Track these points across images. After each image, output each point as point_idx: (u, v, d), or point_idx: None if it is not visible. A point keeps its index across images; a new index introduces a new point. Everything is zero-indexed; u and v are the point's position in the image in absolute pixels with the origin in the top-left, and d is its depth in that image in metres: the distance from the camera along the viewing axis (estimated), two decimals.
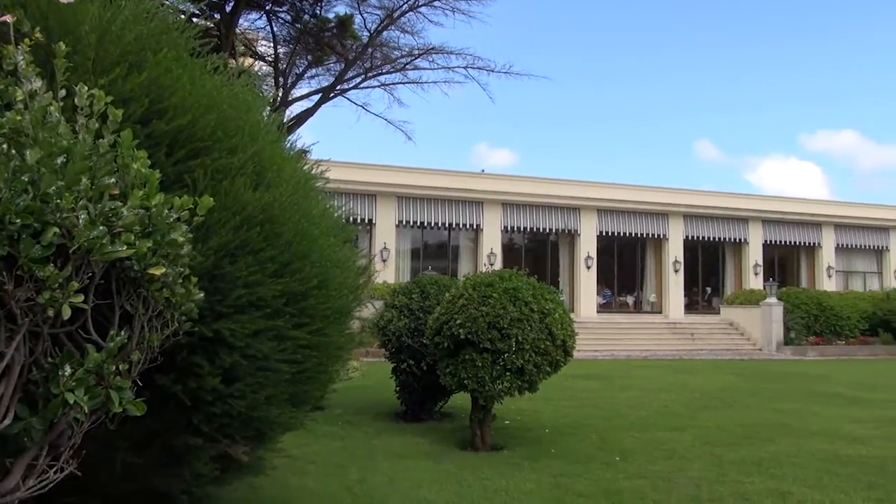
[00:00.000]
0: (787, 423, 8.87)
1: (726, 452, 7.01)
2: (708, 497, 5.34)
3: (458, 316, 6.65)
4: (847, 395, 12.08)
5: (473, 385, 6.61)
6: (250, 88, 3.99)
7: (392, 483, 5.58)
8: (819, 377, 15.35)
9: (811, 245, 31.06)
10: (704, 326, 26.37)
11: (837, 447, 7.39)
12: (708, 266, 30.46)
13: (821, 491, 5.59)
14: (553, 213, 27.18)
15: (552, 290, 7.12)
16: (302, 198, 3.71)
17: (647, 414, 9.49)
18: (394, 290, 9.17)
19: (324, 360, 3.89)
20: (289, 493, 5.21)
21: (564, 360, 6.90)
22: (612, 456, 6.74)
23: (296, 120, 17.20)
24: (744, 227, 29.81)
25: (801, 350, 23.38)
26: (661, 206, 28.39)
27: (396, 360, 8.49)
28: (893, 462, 6.70)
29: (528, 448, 7.06)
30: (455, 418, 8.73)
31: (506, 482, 5.64)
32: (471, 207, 26.11)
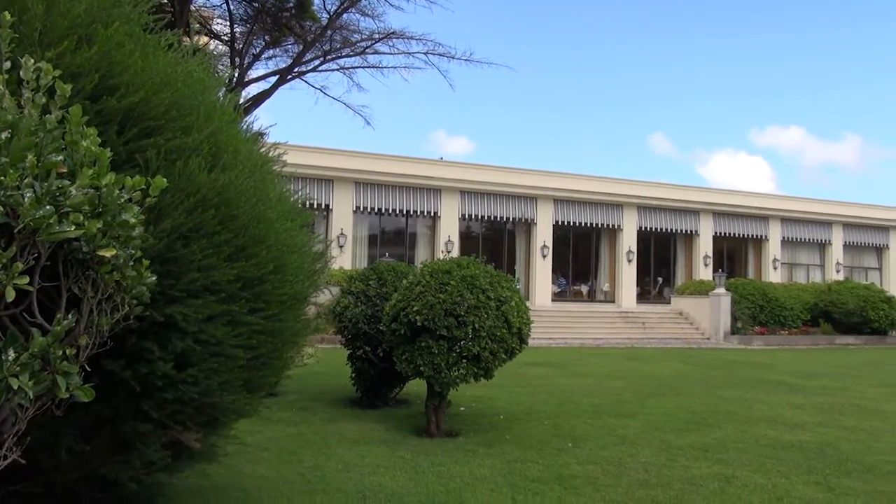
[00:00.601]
0: (732, 410, 9.15)
1: (675, 438, 7.20)
2: (657, 481, 5.48)
3: (415, 303, 6.65)
4: (789, 382, 12.52)
5: (429, 372, 6.62)
6: (205, 67, 3.89)
7: (347, 470, 5.56)
8: (763, 366, 15.86)
9: (758, 238, 31.98)
10: (656, 316, 26.95)
11: (779, 433, 7.66)
12: (660, 257, 31.09)
13: (763, 475, 5.79)
14: (510, 202, 27.34)
15: (509, 279, 7.17)
16: (258, 181, 3.64)
17: (599, 401, 9.67)
18: (350, 277, 9.11)
19: (279, 346, 3.84)
20: (242, 480, 5.15)
21: (520, 348, 6.97)
22: (564, 442, 6.86)
23: (252, 101, 16.88)
24: (695, 219, 30.51)
25: (746, 339, 24.11)
26: (616, 197, 28.82)
27: (352, 346, 8.45)
28: (830, 447, 6.98)
29: (483, 434, 7.13)
30: (410, 405, 8.75)
31: (460, 468, 5.69)
32: (429, 195, 26.07)
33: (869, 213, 34.02)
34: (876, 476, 5.88)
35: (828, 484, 5.57)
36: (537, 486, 5.23)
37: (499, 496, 4.96)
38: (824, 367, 15.90)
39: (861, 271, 34.11)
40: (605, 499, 4.97)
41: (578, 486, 5.29)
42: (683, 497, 5.08)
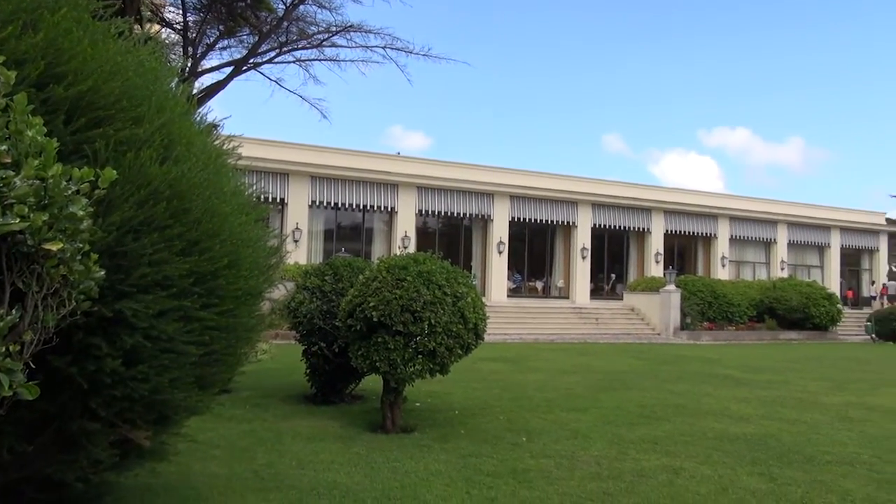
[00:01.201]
0: (681, 404, 9.38)
1: (625, 431, 7.35)
2: (608, 474, 5.59)
3: (371, 299, 6.62)
4: (735, 377, 12.90)
5: (385, 367, 6.61)
6: (157, 56, 3.80)
7: (301, 466, 5.52)
8: (711, 360, 16.31)
9: (708, 236, 32.81)
10: (608, 312, 27.43)
11: (726, 425, 7.90)
12: (613, 254, 31.64)
13: (710, 466, 5.96)
14: (467, 198, 27.43)
15: (465, 274, 7.20)
16: (212, 174, 3.58)
17: (553, 395, 9.80)
18: (306, 272, 9.02)
19: (233, 342, 3.79)
20: (193, 478, 5.07)
21: (476, 343, 7.01)
22: (519, 436, 6.93)
23: (206, 92, 16.51)
24: (647, 217, 31.13)
25: (695, 335, 24.75)
26: (571, 194, 29.19)
27: (307, 342, 8.37)
28: (773, 439, 7.23)
29: (438, 429, 7.15)
30: (366, 401, 8.72)
31: (415, 463, 5.70)
32: (386, 190, 25.97)
33: (812, 212, 35.26)
34: (815, 466, 6.12)
35: (771, 474, 5.76)
36: (492, 481, 5.27)
37: (454, 490, 4.99)
38: (769, 362, 16.43)
39: (804, 269, 35.33)
40: (559, 492, 5.04)
41: (532, 479, 5.36)
42: (634, 488, 5.19)
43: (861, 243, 36.92)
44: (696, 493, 5.13)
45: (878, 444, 7.17)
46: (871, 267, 37.81)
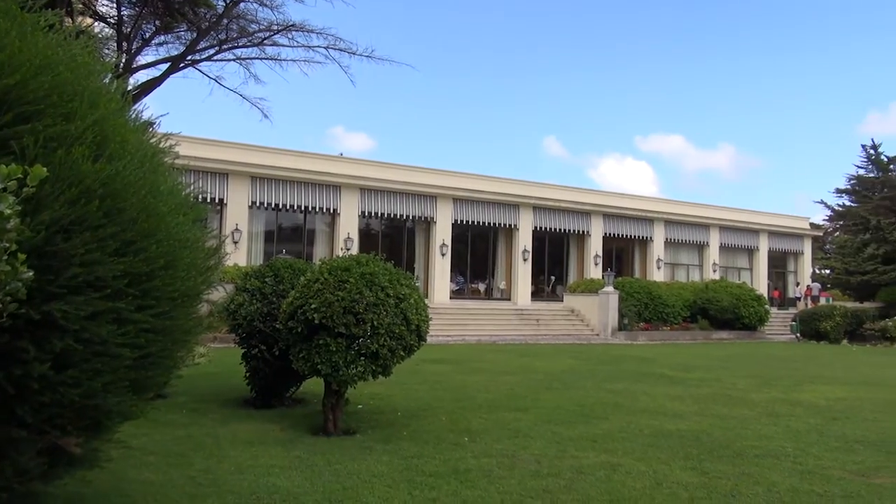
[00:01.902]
0: (618, 402, 9.62)
1: (565, 430, 7.49)
2: (548, 471, 5.70)
3: (313, 300, 6.56)
4: (670, 375, 13.30)
5: (327, 370, 6.56)
6: (90, 51, 3.68)
7: (240, 471, 5.42)
8: (647, 360, 16.78)
9: (644, 239, 33.74)
10: (549, 313, 27.86)
11: (661, 422, 8.14)
12: (554, 256, 32.18)
13: (646, 462, 6.14)
14: (410, 200, 27.43)
15: (408, 276, 7.21)
16: (148, 172, 3.49)
17: (494, 396, 9.90)
18: (246, 274, 8.85)
19: (169, 345, 3.70)
20: (126, 486, 4.91)
21: (418, 345, 7.03)
22: (461, 436, 6.98)
23: (141, 89, 16.01)
24: (587, 220, 31.77)
25: (632, 335, 25.40)
26: (513, 197, 29.56)
27: (247, 345, 8.22)
28: (705, 434, 7.50)
29: (381, 431, 7.14)
30: (307, 404, 8.62)
31: (357, 465, 5.67)
32: (328, 191, 25.72)
33: (742, 217, 36.69)
34: (744, 459, 6.37)
35: (702, 469, 5.98)
36: (433, 481, 5.30)
37: (396, 492, 4.99)
38: (701, 361, 17.01)
39: (734, 271, 36.73)
40: (500, 490, 5.11)
41: (473, 478, 5.40)
42: (572, 485, 5.30)
43: (787, 247, 38.63)
44: (632, 489, 5.27)
45: (801, 437, 7.53)
46: (796, 269, 39.61)
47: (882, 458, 6.61)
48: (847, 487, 5.50)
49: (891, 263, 37.12)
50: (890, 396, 11.11)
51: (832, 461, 6.42)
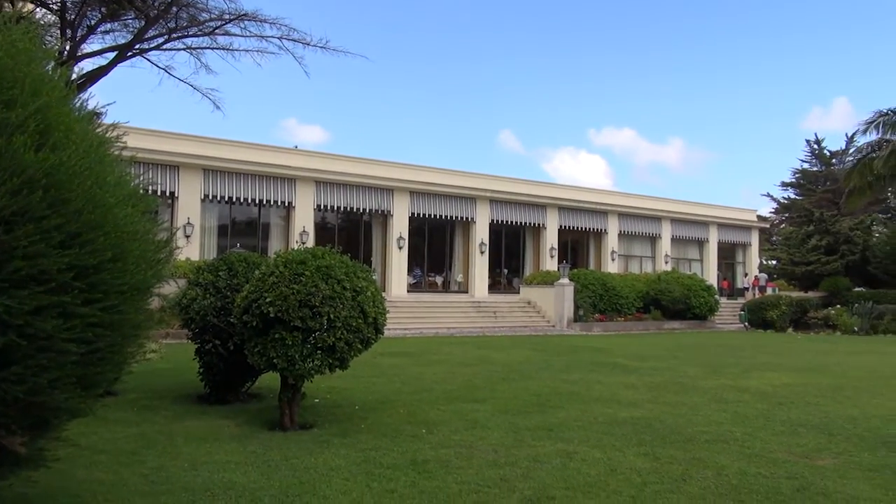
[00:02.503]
0: (574, 392, 9.77)
1: (522, 420, 7.58)
2: (505, 461, 5.76)
3: (268, 294, 6.48)
4: (624, 364, 13.57)
5: (283, 364, 6.49)
6: (31, 37, 3.55)
7: (194, 468, 5.33)
8: (602, 350, 17.07)
9: (599, 231, 34.25)
10: (506, 305, 28.08)
11: (615, 410, 8.30)
12: (510, 249, 32.42)
13: (601, 449, 6.26)
14: (367, 194, 27.26)
15: (365, 269, 7.17)
16: (95, 163, 3.39)
17: (452, 387, 9.95)
18: (198, 268, 8.68)
19: (118, 340, 3.61)
20: (75, 485, 4.78)
21: (376, 338, 7.00)
22: (419, 428, 7.00)
23: (87, 78, 15.52)
24: (542, 213, 32.09)
25: (588, 326, 25.79)
26: (470, 190, 29.64)
27: (201, 340, 8.06)
28: (658, 421, 7.68)
29: (338, 425, 7.10)
30: (263, 398, 8.52)
31: (314, 459, 5.64)
32: (282, 184, 25.35)
33: (692, 209, 37.55)
34: (695, 445, 6.55)
35: (655, 454, 6.12)
36: (391, 473, 5.31)
37: (354, 484, 4.98)
38: (654, 350, 17.39)
39: (685, 262, 37.59)
40: (457, 480, 5.14)
41: (431, 469, 5.43)
42: (529, 474, 5.37)
43: (735, 238, 39.72)
44: (588, 475, 5.37)
45: (748, 422, 7.77)
46: (744, 260, 40.76)
47: (824, 441, 6.88)
48: (792, 469, 5.71)
49: (833, 254, 38.52)
50: (832, 382, 11.55)
51: (778, 444, 6.65)
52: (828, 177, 43.61)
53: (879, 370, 13.56)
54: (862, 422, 7.94)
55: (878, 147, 27.17)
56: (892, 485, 5.32)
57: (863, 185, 28.10)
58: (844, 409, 8.84)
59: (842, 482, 5.35)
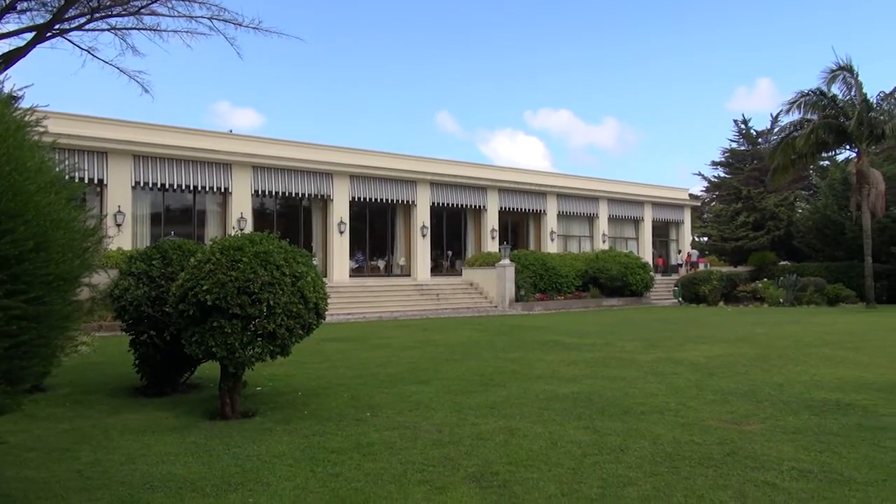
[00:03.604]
0: (516, 370, 9.94)
1: (465, 399, 7.67)
2: (449, 440, 5.83)
3: (204, 281, 6.34)
4: (564, 342, 13.86)
5: (222, 352, 6.38)
6: None
7: (132, 461, 5.20)
8: (543, 328, 17.39)
9: (538, 212, 34.72)
10: (449, 287, 28.25)
11: (556, 387, 8.49)
12: (452, 231, 32.56)
13: (542, 424, 6.40)
14: (306, 178, 26.86)
15: (305, 254, 7.09)
16: (13, 148, 3.23)
17: (396, 370, 9.98)
18: (131, 257, 8.40)
19: (45, 332, 3.48)
20: (4, 484, 4.60)
21: (317, 323, 6.95)
22: (362, 412, 7.00)
23: (2, 60, 14.69)
24: (483, 195, 32.30)
25: (529, 306, 26.21)
26: (410, 173, 29.56)
27: (135, 331, 7.84)
28: (597, 395, 7.90)
29: (281, 412, 7.04)
30: (203, 388, 8.36)
31: (257, 447, 5.58)
32: (218, 169, 24.71)
33: (628, 189, 38.48)
34: (632, 416, 6.77)
35: (594, 427, 6.30)
36: (336, 457, 5.30)
37: (298, 470, 4.95)
38: (593, 327, 17.82)
39: (622, 241, 38.55)
40: (402, 461, 5.18)
41: (376, 452, 5.45)
42: (473, 451, 5.45)
43: (669, 216, 40.93)
44: (529, 450, 5.49)
45: (682, 393, 8.08)
46: (677, 237, 42.07)
47: (752, 407, 7.22)
48: (722, 435, 5.97)
49: (760, 230, 40.18)
50: (759, 352, 12.10)
51: (709, 413, 6.94)
52: (755, 155, 45.30)
53: (802, 339, 14.28)
54: (786, 388, 8.36)
55: (800, 126, 28.35)
56: (814, 445, 5.63)
57: (786, 163, 29.31)
58: (770, 376, 9.28)
59: (768, 445, 5.63)
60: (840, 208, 31.24)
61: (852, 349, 12.36)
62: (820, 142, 27.77)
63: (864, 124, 26.26)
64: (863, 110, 26.22)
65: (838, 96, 27.36)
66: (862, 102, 26.42)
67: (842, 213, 31.04)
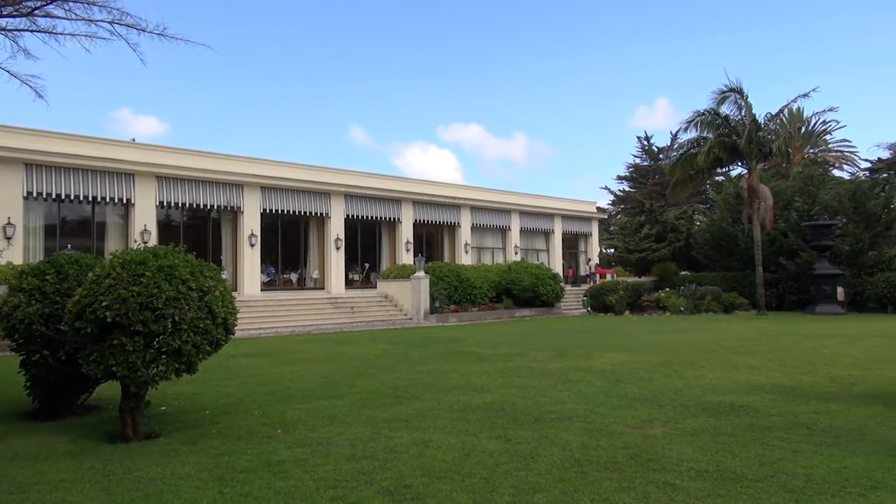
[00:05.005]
0: (430, 382, 9.99)
1: (379, 413, 7.65)
2: (363, 454, 5.79)
3: (104, 297, 6.05)
4: (478, 353, 14.05)
5: (123, 371, 6.09)
6: None
7: (22, 491, 4.88)
8: (457, 339, 17.55)
9: (452, 224, 35.07)
10: (363, 300, 28.03)
11: (469, 397, 8.60)
12: (367, 243, 32.37)
13: (456, 436, 6.47)
14: (215, 189, 26.04)
15: (212, 268, 6.88)
16: None
17: (309, 385, 9.82)
18: (22, 272, 7.90)
19: None
20: None
21: (226, 339, 6.76)
22: (274, 429, 6.85)
23: None
24: (398, 207, 32.33)
25: (443, 317, 26.37)
26: (324, 185, 29.21)
27: (26, 351, 7.36)
28: (509, 404, 8.05)
29: (187, 432, 6.79)
30: (102, 410, 7.95)
31: (161, 469, 5.36)
32: (120, 180, 23.58)
33: (539, 202, 39.51)
34: (542, 424, 6.95)
35: (506, 436, 6.42)
36: (245, 476, 5.16)
37: (205, 491, 4.79)
38: (506, 337, 18.14)
39: (533, 253, 39.51)
40: (314, 477, 5.11)
41: (288, 469, 5.35)
42: (387, 465, 5.44)
43: (578, 229, 42.28)
44: (443, 461, 5.54)
45: (590, 399, 8.36)
46: (585, 249, 43.49)
47: (654, 411, 7.56)
48: (627, 440, 6.23)
49: (662, 241, 42.15)
50: (661, 358, 12.68)
51: (615, 418, 7.22)
52: (657, 171, 47.56)
53: (701, 345, 15.07)
54: (686, 392, 8.81)
55: (697, 143, 30.01)
56: (710, 446, 5.96)
57: (685, 178, 30.96)
58: (672, 381, 9.75)
59: (669, 447, 5.91)
60: (734, 221, 33.21)
61: (745, 354, 13.16)
62: (715, 158, 29.47)
63: (753, 142, 28.08)
64: (752, 130, 28.04)
65: (731, 116, 29.15)
66: (751, 122, 28.26)
67: (735, 225, 33.01)
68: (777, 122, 30.54)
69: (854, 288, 29.75)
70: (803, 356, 12.65)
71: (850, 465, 5.32)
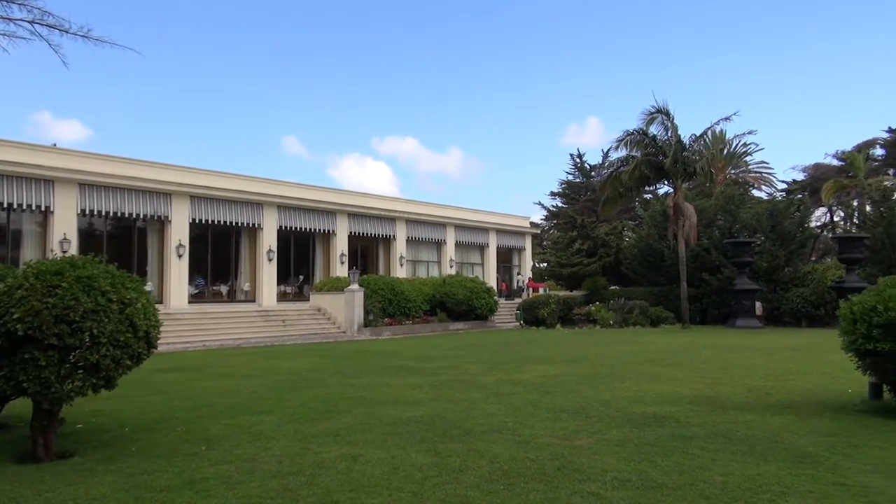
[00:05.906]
0: (361, 396, 9.90)
1: (308, 427, 7.52)
2: (289, 470, 5.68)
3: (15, 309, 5.76)
4: (411, 366, 14.02)
5: (35, 387, 5.80)
6: None
7: None
8: (390, 353, 17.47)
9: (388, 237, 34.98)
10: (296, 313, 27.56)
11: (400, 411, 8.56)
12: (300, 255, 31.89)
13: (385, 450, 6.43)
14: (141, 198, 25.16)
15: (135, 279, 6.66)
16: None
17: (236, 400, 9.57)
18: None
19: None
20: None
21: (148, 353, 6.54)
22: (197, 446, 6.65)
23: None
24: (332, 219, 32.02)
25: (377, 331, 26.21)
26: (256, 196, 28.67)
27: None
28: (440, 418, 8.06)
29: (105, 450, 6.51)
30: (11, 428, 7.54)
31: (75, 490, 5.12)
32: (38, 186, 22.50)
33: (474, 216, 39.89)
34: (472, 437, 6.99)
35: (436, 450, 6.43)
36: (165, 496, 4.98)
37: None
38: (440, 351, 18.17)
39: (468, 266, 39.79)
40: (238, 495, 4.98)
41: (211, 487, 5.19)
42: (313, 480, 5.36)
43: (512, 243, 42.87)
44: (371, 476, 5.49)
45: (520, 411, 8.46)
46: (519, 263, 44.12)
47: (581, 423, 7.72)
48: (554, 451, 6.33)
49: (593, 256, 43.17)
50: (590, 370, 12.96)
51: (543, 430, 7.32)
52: (588, 187, 48.74)
53: (628, 358, 15.49)
54: (613, 403, 9.03)
55: (626, 162, 30.98)
56: (634, 456, 6.13)
57: (615, 195, 31.87)
58: (599, 393, 9.98)
59: (595, 458, 6.04)
60: (660, 238, 34.36)
61: (669, 366, 13.60)
62: (643, 176, 30.48)
63: (678, 162, 29.19)
64: (678, 150, 29.16)
65: (658, 136, 30.23)
66: (677, 143, 29.39)
67: (662, 242, 34.15)
68: (701, 143, 31.88)
69: (771, 303, 31.19)
70: (723, 368, 13.16)
71: (763, 471, 5.57)
